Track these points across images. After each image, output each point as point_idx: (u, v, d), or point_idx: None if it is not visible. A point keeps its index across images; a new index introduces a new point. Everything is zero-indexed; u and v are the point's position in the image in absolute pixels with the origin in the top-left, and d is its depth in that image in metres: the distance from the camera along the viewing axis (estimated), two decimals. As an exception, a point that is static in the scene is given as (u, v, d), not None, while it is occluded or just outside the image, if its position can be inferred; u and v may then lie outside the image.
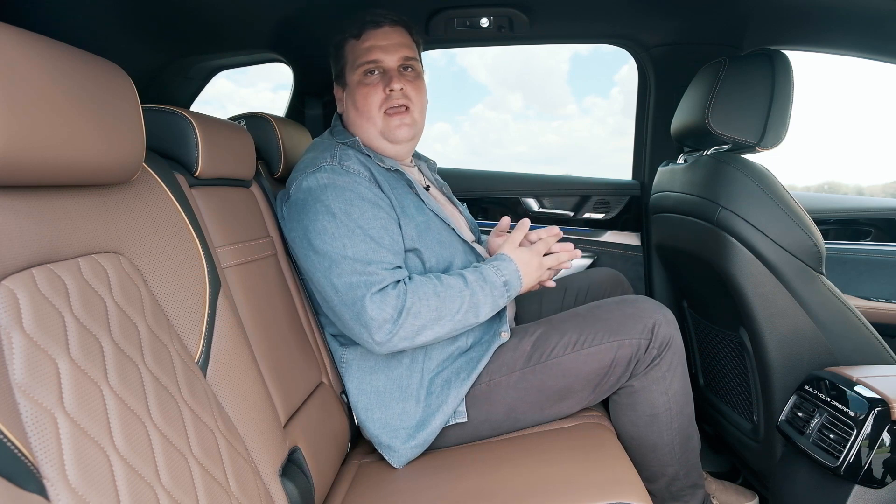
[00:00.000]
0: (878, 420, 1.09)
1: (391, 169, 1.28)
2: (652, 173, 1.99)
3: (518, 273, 1.22)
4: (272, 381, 1.03)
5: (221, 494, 0.72)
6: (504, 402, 1.23)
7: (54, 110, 0.61)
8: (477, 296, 1.16)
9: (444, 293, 1.14)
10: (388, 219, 1.19)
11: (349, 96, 1.32)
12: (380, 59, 1.27)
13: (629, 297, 1.28)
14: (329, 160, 1.20)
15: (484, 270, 1.20)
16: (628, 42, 1.94)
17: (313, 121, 2.03)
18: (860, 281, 1.90)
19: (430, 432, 1.20)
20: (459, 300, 1.15)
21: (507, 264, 1.22)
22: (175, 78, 1.94)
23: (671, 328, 1.20)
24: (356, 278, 1.11)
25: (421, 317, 1.11)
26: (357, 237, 1.13)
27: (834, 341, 1.29)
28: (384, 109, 1.28)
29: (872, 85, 2.41)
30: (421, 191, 1.31)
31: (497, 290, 1.19)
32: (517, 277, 1.22)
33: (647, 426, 1.22)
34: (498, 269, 1.21)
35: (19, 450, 0.50)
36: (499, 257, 1.24)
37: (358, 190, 1.17)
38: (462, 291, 1.15)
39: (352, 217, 1.14)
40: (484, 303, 1.17)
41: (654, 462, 1.24)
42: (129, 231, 0.78)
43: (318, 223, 1.14)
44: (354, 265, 1.11)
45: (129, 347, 0.67)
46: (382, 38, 1.28)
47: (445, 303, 1.14)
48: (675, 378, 1.21)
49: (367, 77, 1.28)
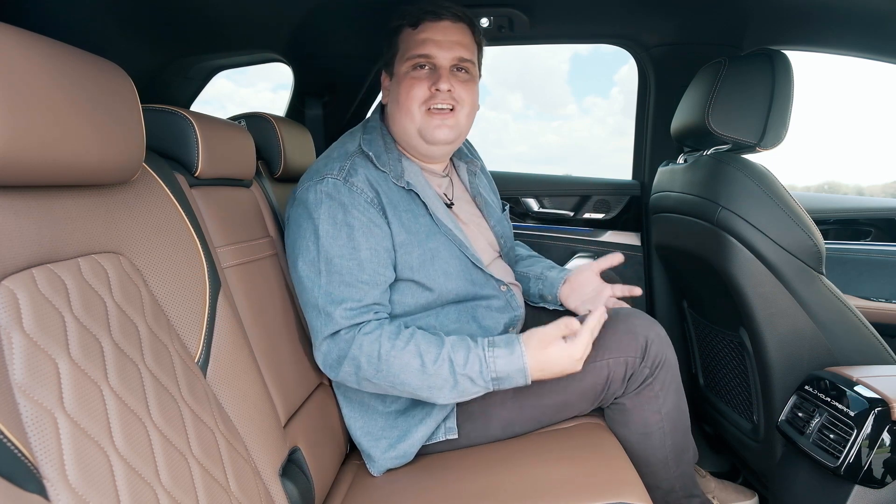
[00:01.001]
0: (878, 420, 1.09)
1: (406, 187, 1.20)
2: (652, 173, 1.99)
3: (525, 371, 1.06)
4: (272, 381, 1.03)
5: (221, 494, 0.72)
6: (500, 418, 1.21)
7: (54, 110, 0.61)
8: (440, 378, 1.06)
9: (396, 359, 1.06)
10: (377, 250, 1.13)
11: (394, 87, 1.22)
12: (432, 55, 1.18)
13: (622, 310, 1.22)
14: (336, 173, 1.15)
15: (470, 359, 1.06)
16: (628, 42, 1.94)
17: (313, 121, 2.03)
18: (860, 281, 1.90)
19: (412, 444, 1.18)
20: (417, 374, 1.06)
21: (511, 359, 1.06)
22: (175, 78, 1.94)
23: (664, 345, 1.17)
24: (316, 316, 1.10)
25: (361, 370, 1.08)
26: (334, 268, 1.10)
27: (834, 341, 1.29)
28: (428, 107, 1.18)
29: (872, 85, 2.41)
30: (438, 210, 1.22)
31: (475, 384, 1.07)
32: (522, 375, 1.06)
33: (640, 443, 1.20)
34: (494, 361, 1.06)
35: (19, 450, 0.50)
36: (510, 343, 1.07)
37: (352, 214, 1.12)
38: (423, 367, 1.05)
39: (336, 242, 1.10)
40: (449, 389, 1.07)
41: (647, 476, 1.20)
42: (129, 231, 0.78)
43: (303, 241, 1.13)
44: (319, 300, 1.10)
45: (129, 347, 0.67)
46: (440, 33, 1.18)
47: (392, 369, 1.06)
48: (669, 396, 1.19)
49: (415, 70, 1.19)
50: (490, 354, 1.06)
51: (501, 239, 1.39)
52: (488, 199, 1.42)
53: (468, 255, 1.22)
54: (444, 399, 1.08)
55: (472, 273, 1.23)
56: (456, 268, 1.20)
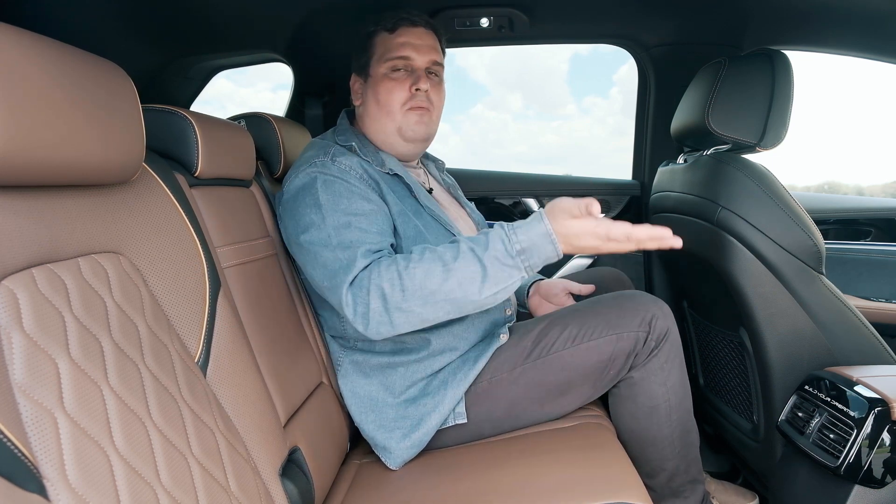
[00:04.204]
0: (878, 420, 1.09)
1: (390, 173, 1.26)
2: (652, 173, 1.99)
3: (550, 235, 0.98)
4: (272, 380, 1.03)
5: (221, 494, 0.72)
6: (505, 399, 1.23)
7: (54, 110, 0.61)
8: (468, 270, 0.99)
9: (417, 268, 1.01)
10: (379, 211, 1.16)
11: (370, 88, 1.29)
12: (411, 58, 1.26)
13: (627, 291, 1.28)
14: (322, 157, 1.19)
15: (491, 239, 1.01)
16: (628, 42, 1.94)
17: (313, 121, 2.03)
18: (860, 281, 1.90)
19: (426, 432, 1.20)
20: (442, 275, 1.00)
21: (532, 226, 1.00)
22: (175, 78, 1.94)
23: (668, 321, 1.20)
24: (337, 265, 1.07)
25: (388, 299, 1.01)
26: (342, 226, 1.10)
27: (834, 341, 1.30)
28: (408, 106, 1.26)
29: (872, 85, 2.41)
30: (421, 194, 1.28)
31: (504, 264, 0.99)
32: (548, 240, 0.98)
33: (647, 418, 1.22)
34: (514, 233, 1.00)
35: (19, 450, 0.50)
36: (529, 217, 1.03)
37: (348, 182, 1.15)
38: (445, 267, 1.00)
39: (339, 206, 1.12)
40: (480, 280, 0.99)
41: (653, 456, 1.24)
42: (129, 231, 0.78)
43: (306, 217, 1.13)
44: (337, 252, 1.08)
45: (129, 347, 0.67)
46: (416, 38, 1.27)
47: (416, 280, 1.00)
48: (673, 370, 1.21)
49: (394, 73, 1.26)
50: (509, 229, 1.02)
51: (479, 226, 1.46)
52: (459, 191, 1.52)
53: (455, 234, 1.27)
54: (481, 295, 1.00)
55: None
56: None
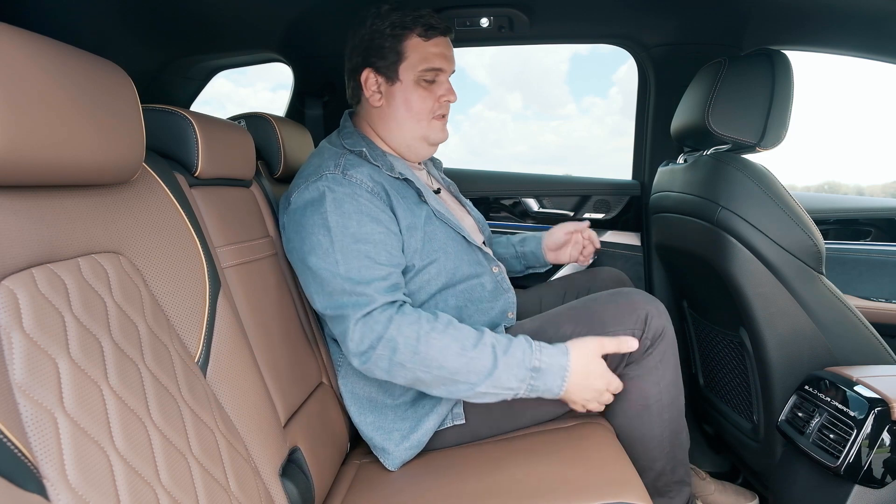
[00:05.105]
0: (878, 420, 1.09)
1: (399, 177, 1.25)
2: (652, 173, 1.99)
3: (565, 373, 1.07)
4: (272, 380, 1.03)
5: (221, 494, 0.72)
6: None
7: (54, 110, 0.61)
8: (480, 362, 1.04)
9: (437, 340, 1.04)
10: (388, 233, 1.15)
11: (401, 93, 1.27)
12: (444, 69, 1.29)
13: (622, 290, 1.27)
14: (333, 169, 1.17)
15: (514, 346, 1.07)
16: (628, 42, 1.94)
17: (313, 121, 2.03)
18: (860, 281, 1.90)
19: (424, 433, 1.20)
20: (456, 356, 1.04)
21: (556, 358, 1.08)
22: (175, 78, 1.94)
23: (663, 319, 1.20)
24: (346, 299, 1.08)
25: (398, 353, 1.05)
26: (351, 253, 1.09)
27: (834, 341, 1.29)
28: (434, 115, 1.30)
29: (872, 85, 2.41)
30: (430, 197, 1.28)
31: (511, 373, 1.05)
32: (560, 377, 1.07)
33: (638, 416, 1.22)
34: (539, 350, 1.07)
35: (19, 450, 0.50)
36: (556, 345, 1.11)
37: (358, 202, 1.14)
38: (462, 350, 1.05)
39: (348, 230, 1.11)
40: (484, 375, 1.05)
41: (642, 455, 1.23)
42: (129, 231, 0.78)
43: (313, 237, 1.12)
44: (345, 284, 1.08)
45: (129, 347, 0.67)
46: (447, 48, 1.30)
47: (431, 351, 1.04)
48: (668, 369, 1.21)
49: (427, 82, 1.28)
50: (536, 346, 1.09)
51: (479, 224, 1.49)
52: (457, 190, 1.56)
53: (464, 235, 1.29)
54: (476, 388, 1.06)
55: (469, 252, 1.30)
56: (454, 248, 1.26)
